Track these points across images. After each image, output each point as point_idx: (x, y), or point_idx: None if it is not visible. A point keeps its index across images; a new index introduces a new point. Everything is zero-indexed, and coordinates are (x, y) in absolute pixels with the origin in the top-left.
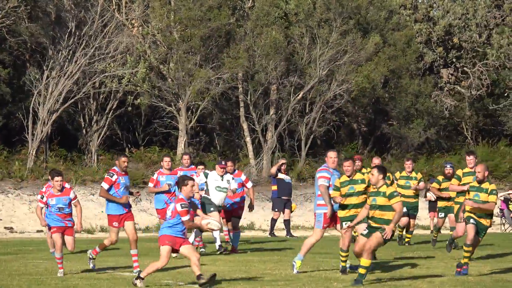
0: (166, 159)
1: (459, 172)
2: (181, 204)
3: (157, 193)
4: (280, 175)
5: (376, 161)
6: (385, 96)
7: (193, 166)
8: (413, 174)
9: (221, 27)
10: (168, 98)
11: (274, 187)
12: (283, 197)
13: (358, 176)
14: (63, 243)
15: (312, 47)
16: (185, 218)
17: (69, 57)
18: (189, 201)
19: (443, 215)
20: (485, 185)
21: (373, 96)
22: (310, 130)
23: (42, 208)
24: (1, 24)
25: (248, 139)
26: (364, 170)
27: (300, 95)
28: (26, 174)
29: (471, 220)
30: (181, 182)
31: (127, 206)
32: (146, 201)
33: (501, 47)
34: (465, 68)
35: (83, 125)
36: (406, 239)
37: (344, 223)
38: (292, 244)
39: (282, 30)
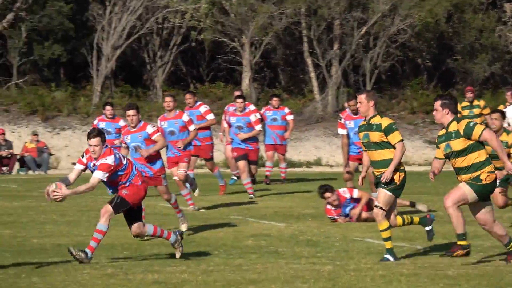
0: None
1: None
2: None
3: None
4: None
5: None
6: (448, 31)
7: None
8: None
9: None
10: (232, 33)
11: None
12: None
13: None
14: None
15: None
16: None
17: None
18: None
19: None
20: None
21: (437, 30)
22: (374, 65)
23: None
24: None
25: (312, 74)
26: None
27: (363, 30)
28: (92, 110)
29: None
30: None
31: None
32: None
33: None
34: None
35: (147, 61)
36: None
37: None
38: None
39: None
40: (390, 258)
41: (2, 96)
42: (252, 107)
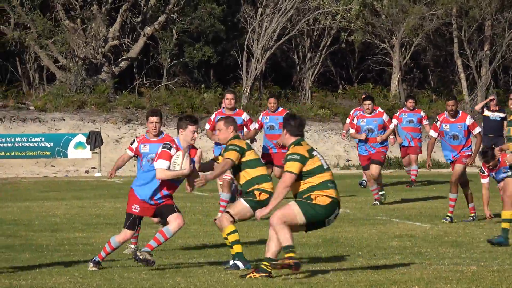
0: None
1: None
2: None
3: None
4: (487, 112)
5: None
6: None
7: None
8: None
9: None
10: (382, 34)
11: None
12: (489, 135)
13: None
14: None
15: None
16: None
17: None
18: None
19: None
20: None
21: None
22: None
23: None
24: None
25: (462, 75)
26: None
27: None
28: (244, 106)
29: None
30: None
31: None
32: None
33: None
34: None
35: (297, 62)
36: None
37: None
38: None
39: None
40: None
41: (152, 97)
42: (380, 109)
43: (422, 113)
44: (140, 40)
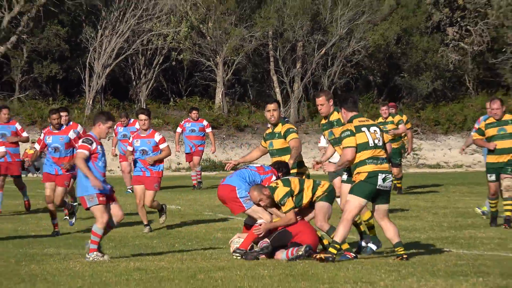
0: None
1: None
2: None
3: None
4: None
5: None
6: (397, 52)
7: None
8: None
9: None
10: (207, 53)
11: None
12: None
13: None
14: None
15: (334, 8)
16: None
17: (120, 18)
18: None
19: None
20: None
21: (387, 51)
22: (331, 81)
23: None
24: None
25: (277, 89)
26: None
27: (323, 51)
28: (84, 121)
29: None
30: None
31: None
32: None
33: (500, 7)
34: (468, 27)
35: (133, 78)
36: None
37: None
38: None
39: None
40: None
41: None
42: (205, 122)
43: (205, 122)
44: None
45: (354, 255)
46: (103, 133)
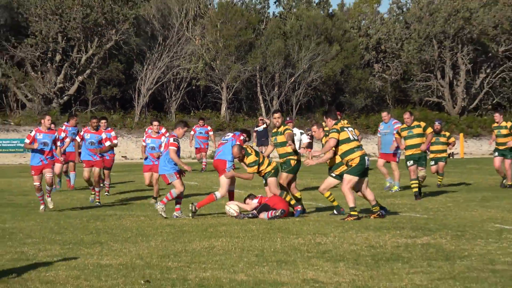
0: (155, 123)
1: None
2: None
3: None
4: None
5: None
6: (341, 80)
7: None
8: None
9: (246, 40)
10: (216, 81)
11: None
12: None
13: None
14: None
15: (299, 51)
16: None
17: (158, 57)
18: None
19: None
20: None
21: (334, 80)
22: (298, 99)
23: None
24: (120, 38)
25: (262, 105)
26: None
27: (292, 79)
28: (134, 125)
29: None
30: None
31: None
32: None
33: (409, 51)
34: (388, 64)
35: (166, 97)
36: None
37: None
38: None
39: (283, 41)
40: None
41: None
42: (163, 130)
43: (209, 128)
44: (75, 84)
45: (303, 209)
46: (181, 134)
